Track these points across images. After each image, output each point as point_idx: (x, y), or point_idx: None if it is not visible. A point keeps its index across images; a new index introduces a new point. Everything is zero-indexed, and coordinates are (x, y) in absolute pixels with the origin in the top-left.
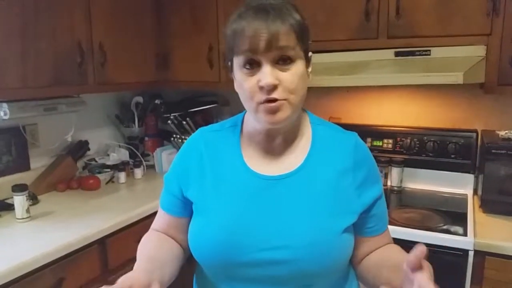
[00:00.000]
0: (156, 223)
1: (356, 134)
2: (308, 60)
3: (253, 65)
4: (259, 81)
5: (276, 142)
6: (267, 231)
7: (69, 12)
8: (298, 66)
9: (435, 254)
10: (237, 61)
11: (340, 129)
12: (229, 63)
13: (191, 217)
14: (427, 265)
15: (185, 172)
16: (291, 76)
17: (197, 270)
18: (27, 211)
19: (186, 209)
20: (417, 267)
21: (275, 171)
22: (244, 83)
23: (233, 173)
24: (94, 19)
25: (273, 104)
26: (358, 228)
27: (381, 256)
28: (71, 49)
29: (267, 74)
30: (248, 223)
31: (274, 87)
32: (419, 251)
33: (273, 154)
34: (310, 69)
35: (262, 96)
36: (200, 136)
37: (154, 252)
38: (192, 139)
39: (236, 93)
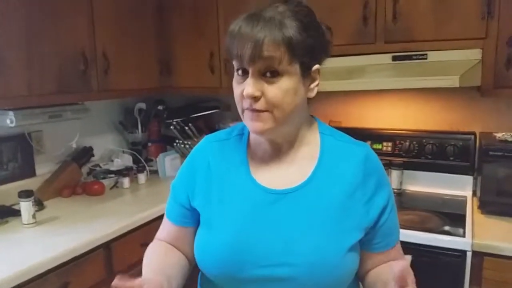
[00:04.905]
0: (162, 233)
1: (368, 145)
2: (307, 76)
3: (244, 71)
4: (243, 90)
5: (282, 151)
6: (270, 248)
7: (73, 20)
8: (285, 81)
9: (435, 255)
10: (233, 65)
11: (351, 140)
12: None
13: (197, 227)
14: (412, 280)
15: (192, 181)
16: (275, 90)
17: (201, 274)
18: (33, 216)
19: (192, 219)
20: (403, 285)
21: (282, 184)
22: (234, 89)
23: (239, 185)
24: (97, 27)
25: (253, 113)
26: (364, 243)
27: (377, 272)
28: (75, 57)
29: (249, 85)
30: (251, 239)
31: (256, 98)
32: (401, 266)
33: (280, 165)
34: (314, 84)
35: (245, 105)
36: (207, 145)
37: (161, 265)
38: (199, 148)
39: None
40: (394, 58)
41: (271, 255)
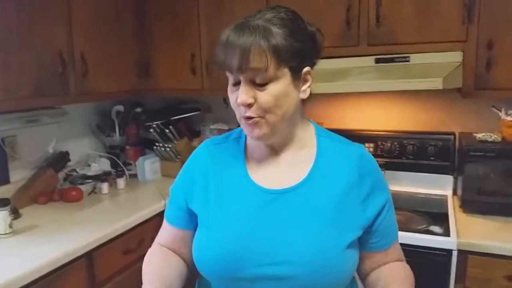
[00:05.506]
0: (161, 236)
1: (362, 146)
2: (298, 78)
3: (237, 81)
4: (237, 99)
5: (279, 152)
6: (269, 246)
7: (50, 22)
8: (275, 86)
9: (420, 255)
10: (227, 74)
11: (346, 141)
12: None
13: (195, 230)
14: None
15: (190, 185)
16: (266, 96)
17: (199, 278)
18: (10, 226)
19: (191, 222)
20: None
21: (279, 184)
22: (230, 97)
23: (237, 186)
24: (75, 29)
25: (249, 121)
26: (362, 243)
27: (378, 273)
28: (53, 60)
29: (241, 93)
30: (250, 238)
31: (249, 105)
32: None
33: (277, 166)
34: (306, 86)
35: (241, 112)
36: (205, 149)
37: (159, 269)
38: (197, 152)
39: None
40: (377, 61)
41: (270, 254)
